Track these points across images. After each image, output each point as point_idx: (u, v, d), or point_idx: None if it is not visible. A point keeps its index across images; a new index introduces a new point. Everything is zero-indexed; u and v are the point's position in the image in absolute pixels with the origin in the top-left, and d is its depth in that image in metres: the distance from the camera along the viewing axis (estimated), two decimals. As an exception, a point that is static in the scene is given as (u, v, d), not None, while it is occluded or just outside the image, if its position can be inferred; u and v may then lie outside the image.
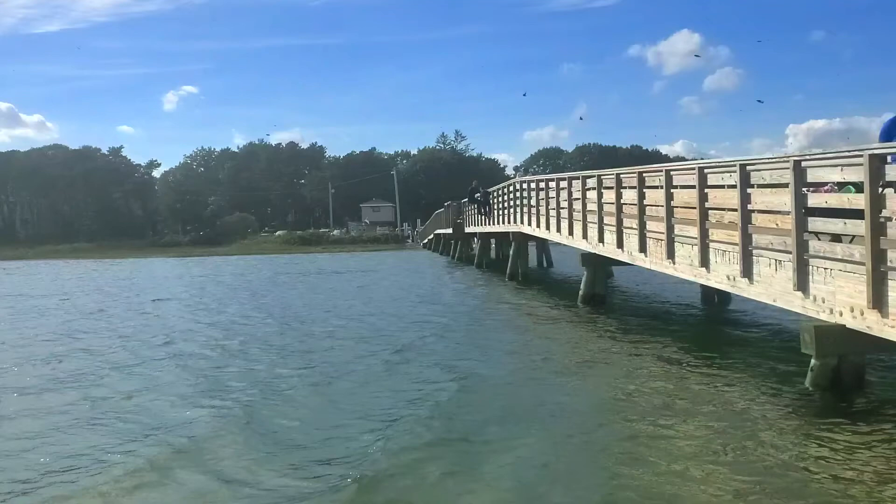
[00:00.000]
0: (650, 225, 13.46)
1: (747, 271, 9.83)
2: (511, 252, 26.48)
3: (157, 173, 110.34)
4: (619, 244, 14.92)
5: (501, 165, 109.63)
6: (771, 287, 9.35)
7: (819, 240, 8.38)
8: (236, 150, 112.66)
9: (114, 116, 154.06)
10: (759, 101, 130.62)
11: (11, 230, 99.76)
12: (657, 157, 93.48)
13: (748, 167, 9.77)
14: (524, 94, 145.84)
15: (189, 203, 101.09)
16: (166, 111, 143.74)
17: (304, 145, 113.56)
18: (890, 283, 7.11)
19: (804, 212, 8.40)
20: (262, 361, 12.18)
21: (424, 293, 23.90)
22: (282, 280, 33.74)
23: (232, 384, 10.39)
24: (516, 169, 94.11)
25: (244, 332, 15.89)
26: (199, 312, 20.31)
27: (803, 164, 8.45)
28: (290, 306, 21.37)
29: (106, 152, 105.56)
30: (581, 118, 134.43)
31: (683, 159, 75.35)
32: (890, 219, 7.07)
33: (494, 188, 32.04)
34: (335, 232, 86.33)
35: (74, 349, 14.09)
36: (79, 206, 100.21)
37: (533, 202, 23.10)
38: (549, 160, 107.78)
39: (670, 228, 12.36)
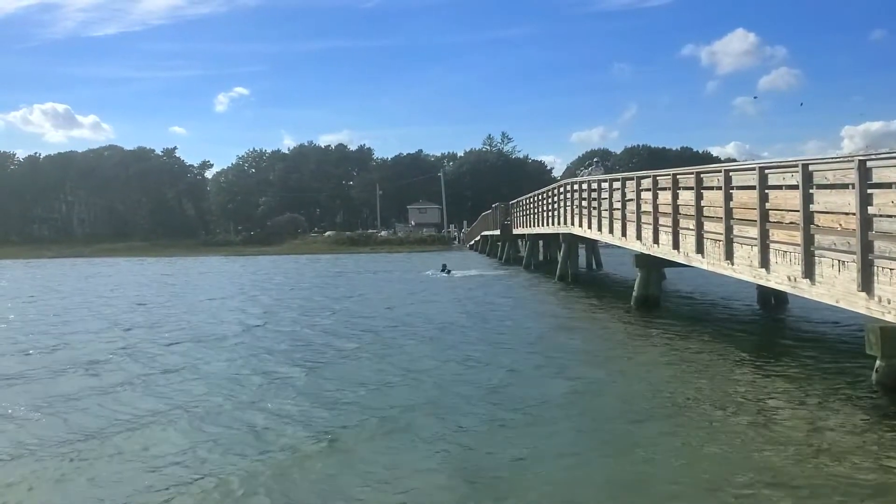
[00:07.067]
0: (708, 225, 13.39)
1: (809, 272, 9.77)
2: (561, 253, 26.50)
3: (209, 174, 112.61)
4: (675, 245, 14.86)
5: (549, 167, 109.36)
6: (834, 288, 9.28)
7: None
8: (286, 152, 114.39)
9: (167, 117, 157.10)
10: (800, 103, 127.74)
11: (69, 228, 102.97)
12: (708, 159, 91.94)
13: (811, 167, 9.71)
14: (755, 97, 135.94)
15: (240, 203, 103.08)
16: (218, 112, 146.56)
17: (353, 147, 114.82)
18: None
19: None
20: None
21: (487, 295, 23.72)
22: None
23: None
24: (568, 171, 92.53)
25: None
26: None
27: (868, 163, 8.39)
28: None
29: (160, 153, 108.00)
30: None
31: (735, 161, 73.97)
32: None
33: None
34: (383, 233, 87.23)
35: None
36: (133, 206, 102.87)
37: (584, 203, 23.07)
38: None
39: (729, 229, 12.30)
